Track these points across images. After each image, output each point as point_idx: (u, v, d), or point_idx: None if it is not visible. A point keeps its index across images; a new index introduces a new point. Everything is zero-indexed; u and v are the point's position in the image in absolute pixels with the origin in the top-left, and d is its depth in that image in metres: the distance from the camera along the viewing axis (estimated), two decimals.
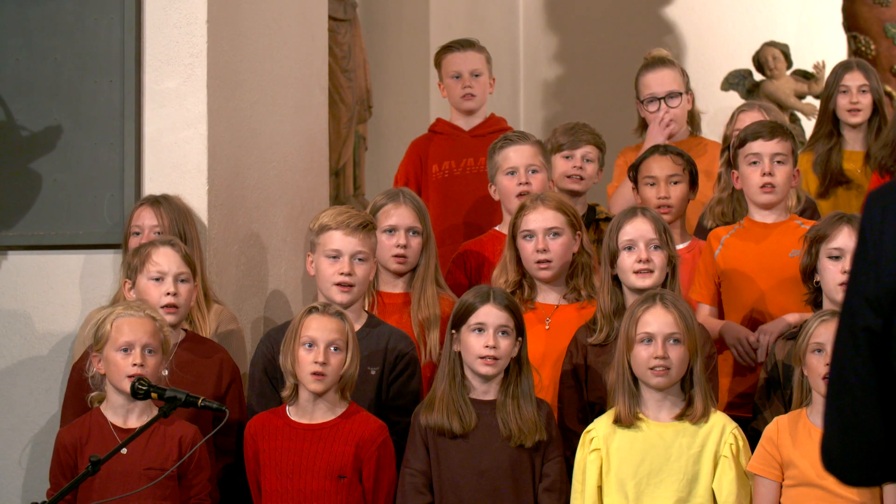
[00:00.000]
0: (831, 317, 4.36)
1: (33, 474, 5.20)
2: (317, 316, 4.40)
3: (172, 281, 4.67)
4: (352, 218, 4.73)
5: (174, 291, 4.66)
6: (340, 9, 7.37)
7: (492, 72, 6.14)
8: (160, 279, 4.67)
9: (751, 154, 5.00)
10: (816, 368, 4.32)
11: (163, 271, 4.67)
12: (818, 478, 4.20)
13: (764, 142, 4.99)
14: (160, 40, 5.25)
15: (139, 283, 4.70)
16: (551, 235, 4.85)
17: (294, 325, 4.42)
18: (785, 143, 5.00)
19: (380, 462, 4.39)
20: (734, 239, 5.02)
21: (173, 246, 4.72)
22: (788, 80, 8.66)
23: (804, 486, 4.26)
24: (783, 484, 4.30)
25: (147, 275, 4.68)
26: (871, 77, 5.94)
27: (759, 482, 4.31)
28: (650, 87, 6.00)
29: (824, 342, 4.30)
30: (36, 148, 5.33)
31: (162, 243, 4.73)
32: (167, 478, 4.26)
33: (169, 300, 4.64)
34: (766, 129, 5.03)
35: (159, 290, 4.65)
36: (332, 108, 6.92)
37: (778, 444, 4.30)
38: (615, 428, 4.35)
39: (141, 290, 4.69)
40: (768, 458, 4.31)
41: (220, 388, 4.69)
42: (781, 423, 4.34)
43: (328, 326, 4.37)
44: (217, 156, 5.26)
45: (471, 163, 5.99)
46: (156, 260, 4.68)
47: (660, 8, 9.73)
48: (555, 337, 4.79)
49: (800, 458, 4.26)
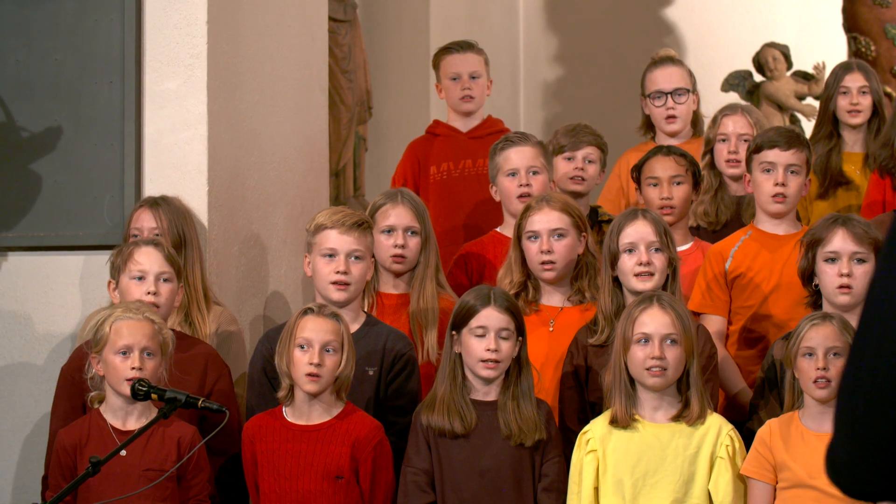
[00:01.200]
0: (822, 320, 4.36)
1: (33, 475, 5.20)
2: (312, 317, 4.40)
3: (154, 280, 4.65)
4: (347, 217, 4.73)
5: (154, 291, 4.64)
6: (340, 10, 7.37)
7: (490, 74, 6.14)
8: (142, 278, 4.66)
9: (765, 162, 4.99)
10: (807, 372, 4.32)
11: (144, 270, 4.65)
12: (811, 479, 4.21)
13: (780, 151, 4.99)
14: (160, 41, 5.25)
15: (122, 282, 4.68)
16: (556, 236, 4.84)
17: (289, 327, 4.42)
18: (800, 154, 5.00)
19: (376, 462, 4.39)
20: (745, 248, 5.00)
21: (156, 245, 4.71)
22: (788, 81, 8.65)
23: (798, 487, 4.26)
24: (777, 486, 4.31)
25: (129, 274, 4.66)
26: (872, 78, 5.94)
27: (752, 485, 4.31)
28: (657, 83, 6.00)
29: (815, 346, 4.31)
30: (36, 149, 5.33)
31: (145, 243, 4.71)
32: (166, 479, 4.26)
33: (150, 299, 4.62)
34: (783, 138, 5.02)
35: (140, 290, 4.64)
36: (332, 109, 6.92)
37: (771, 447, 4.31)
38: (611, 429, 4.35)
39: (123, 289, 4.68)
40: (762, 461, 4.31)
41: (204, 387, 4.68)
42: (774, 425, 4.34)
43: (323, 327, 4.37)
44: (217, 157, 5.26)
45: (469, 164, 5.99)
46: (137, 259, 4.66)
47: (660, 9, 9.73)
48: (559, 338, 4.78)
49: (792, 460, 4.27)
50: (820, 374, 4.28)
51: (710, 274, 5.01)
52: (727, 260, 5.01)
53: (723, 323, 5.01)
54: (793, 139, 5.03)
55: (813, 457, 4.24)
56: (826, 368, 4.28)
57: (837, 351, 4.30)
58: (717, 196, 5.54)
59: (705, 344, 4.62)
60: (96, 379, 4.43)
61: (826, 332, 4.32)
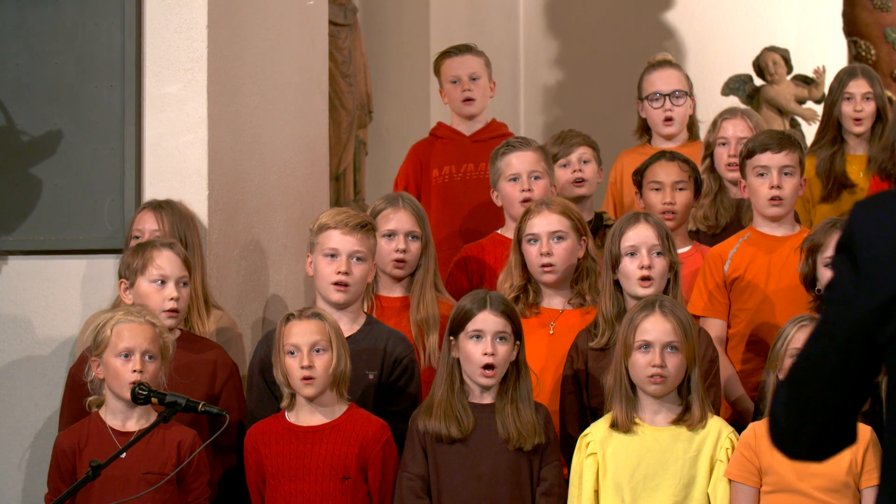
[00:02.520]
0: (810, 321, 4.36)
1: (33, 479, 5.20)
2: (295, 322, 4.41)
3: (174, 285, 4.67)
4: (350, 217, 4.73)
5: (177, 296, 4.66)
6: (341, 14, 7.37)
7: (491, 76, 6.14)
8: (163, 283, 4.67)
9: (759, 166, 5.00)
10: None
11: (165, 275, 4.67)
12: (798, 482, 4.21)
13: (772, 154, 4.99)
14: (161, 45, 5.25)
15: (139, 284, 4.68)
16: (555, 239, 4.84)
17: (277, 336, 4.44)
18: (793, 155, 5.01)
19: (385, 462, 4.40)
20: (743, 251, 5.01)
21: (174, 248, 4.72)
22: (789, 85, 8.65)
23: (783, 491, 4.26)
24: (761, 490, 4.29)
25: (148, 277, 4.67)
26: (875, 84, 5.94)
27: (737, 488, 4.29)
28: (655, 85, 6.00)
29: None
30: (36, 153, 5.33)
31: (163, 245, 4.72)
32: (166, 482, 4.26)
33: (172, 304, 4.64)
34: (774, 140, 5.03)
35: (161, 295, 4.65)
36: (333, 113, 6.91)
37: (756, 450, 4.29)
38: (612, 432, 4.35)
39: (141, 292, 4.68)
40: (746, 464, 4.30)
41: (214, 387, 4.68)
42: (759, 428, 4.32)
43: (307, 329, 4.38)
44: (217, 161, 5.26)
45: (471, 168, 5.99)
46: (158, 263, 4.67)
47: (660, 13, 9.73)
48: (559, 342, 4.78)
49: (778, 463, 4.25)
50: None
51: (709, 277, 5.01)
52: (726, 262, 5.01)
53: (722, 326, 5.01)
54: (784, 141, 5.04)
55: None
56: None
57: None
58: (716, 199, 5.55)
59: (707, 348, 4.62)
60: (96, 382, 4.43)
61: None
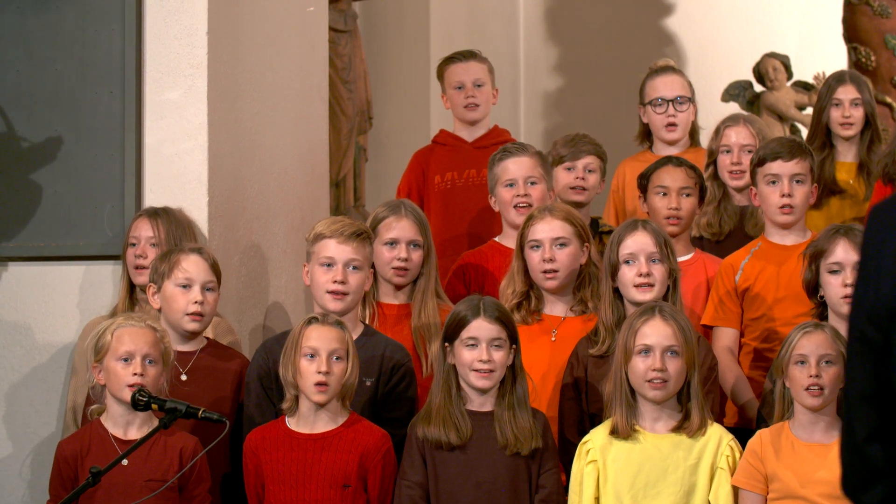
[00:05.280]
0: (814, 328, 4.36)
1: (34, 486, 5.19)
2: (317, 326, 4.39)
3: (200, 289, 4.67)
4: (346, 226, 4.73)
5: (201, 300, 4.66)
6: (341, 20, 7.37)
7: (495, 83, 6.14)
8: (188, 286, 4.67)
9: (770, 174, 5.01)
10: (799, 380, 4.31)
11: (191, 279, 4.68)
12: (802, 489, 4.21)
13: (783, 162, 5.00)
14: (161, 51, 5.25)
15: (165, 288, 4.70)
16: (558, 246, 4.84)
17: (294, 336, 4.41)
18: (804, 163, 5.02)
19: (385, 471, 4.39)
20: (753, 261, 5.01)
21: (201, 253, 4.74)
22: (789, 91, 8.66)
23: (788, 498, 4.26)
24: (768, 497, 4.30)
25: (175, 281, 4.68)
26: (864, 90, 5.93)
27: (743, 496, 4.31)
28: (658, 90, 6.00)
29: (807, 353, 4.31)
30: (36, 159, 5.33)
31: (192, 250, 4.74)
32: (168, 489, 4.26)
33: (196, 308, 4.65)
34: (785, 148, 5.04)
35: (186, 298, 4.66)
36: (333, 119, 6.92)
37: (762, 458, 4.30)
38: (612, 439, 4.34)
39: (167, 296, 4.69)
40: (752, 472, 4.31)
41: (239, 394, 4.72)
42: (765, 436, 4.34)
43: (329, 336, 4.37)
44: (217, 167, 5.26)
45: (473, 174, 5.99)
46: (185, 267, 4.68)
47: (660, 19, 9.74)
48: (561, 349, 4.78)
49: (783, 470, 4.27)
50: (812, 382, 4.29)
51: (721, 287, 5.02)
52: (738, 273, 5.01)
53: (735, 336, 5.01)
54: (795, 148, 5.04)
55: (804, 467, 4.24)
56: (819, 376, 4.28)
57: (830, 359, 4.30)
58: (720, 207, 5.55)
59: (706, 355, 4.62)
60: (97, 389, 4.43)
61: (818, 340, 4.32)
